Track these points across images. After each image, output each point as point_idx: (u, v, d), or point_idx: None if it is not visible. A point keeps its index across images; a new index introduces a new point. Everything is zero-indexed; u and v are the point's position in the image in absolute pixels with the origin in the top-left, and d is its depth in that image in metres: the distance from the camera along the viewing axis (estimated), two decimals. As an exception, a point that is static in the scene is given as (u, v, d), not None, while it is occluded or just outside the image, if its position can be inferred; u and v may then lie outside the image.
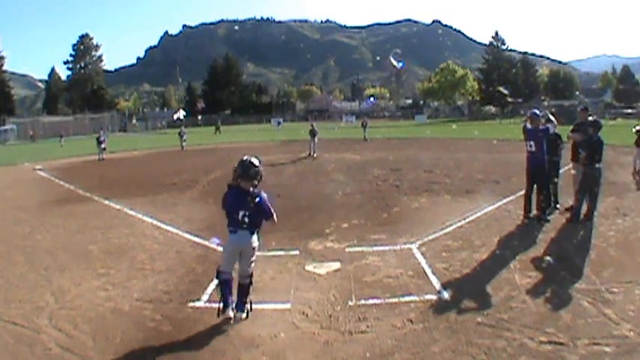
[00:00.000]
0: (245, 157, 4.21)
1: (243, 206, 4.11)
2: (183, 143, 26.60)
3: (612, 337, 3.65)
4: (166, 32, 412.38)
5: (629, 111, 52.27)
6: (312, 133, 19.69)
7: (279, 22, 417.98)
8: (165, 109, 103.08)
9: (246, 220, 4.13)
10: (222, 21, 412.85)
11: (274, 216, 4.22)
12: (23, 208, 10.13)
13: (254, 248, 4.26)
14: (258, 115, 74.88)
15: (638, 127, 8.35)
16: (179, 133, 27.47)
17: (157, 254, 6.38)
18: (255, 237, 4.25)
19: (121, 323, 4.26)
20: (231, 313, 4.18)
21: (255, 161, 4.18)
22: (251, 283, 4.35)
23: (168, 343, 3.88)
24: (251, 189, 4.14)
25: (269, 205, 4.19)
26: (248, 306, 4.30)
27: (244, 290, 4.32)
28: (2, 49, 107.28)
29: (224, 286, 4.23)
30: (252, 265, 4.32)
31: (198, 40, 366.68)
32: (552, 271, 5.22)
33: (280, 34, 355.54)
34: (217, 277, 4.30)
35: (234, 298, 4.28)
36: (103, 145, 22.13)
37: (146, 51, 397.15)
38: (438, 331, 3.90)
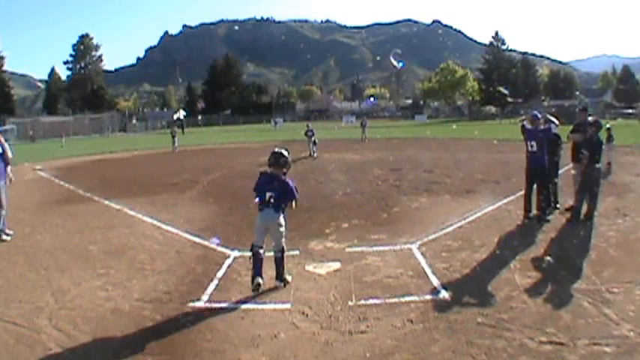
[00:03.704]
0: (276, 149, 5.00)
1: (270, 188, 4.82)
2: (175, 143, 25.94)
3: (612, 337, 3.65)
4: (166, 32, 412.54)
5: (629, 111, 52.21)
6: (309, 135, 19.65)
7: (279, 22, 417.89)
8: (165, 109, 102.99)
9: (272, 200, 4.81)
10: (222, 21, 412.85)
11: (295, 199, 4.92)
12: (23, 208, 10.12)
13: (279, 224, 4.89)
14: (258, 115, 74.87)
15: (608, 125, 8.78)
16: (171, 133, 26.83)
17: (157, 254, 6.38)
18: (279, 214, 4.87)
19: (121, 323, 4.26)
20: (260, 281, 4.84)
21: (285, 152, 4.96)
22: (282, 256, 4.98)
23: (168, 344, 3.87)
24: (280, 175, 4.88)
25: (294, 188, 4.89)
26: (287, 277, 5.04)
27: (278, 262, 4.98)
28: (2, 49, 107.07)
29: (255, 259, 4.90)
30: (282, 239, 4.96)
31: (198, 40, 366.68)
32: (552, 271, 5.22)
33: (280, 34, 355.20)
34: (250, 250, 4.95)
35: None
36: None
37: (146, 51, 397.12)
38: (438, 331, 3.90)
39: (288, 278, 5.14)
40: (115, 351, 3.77)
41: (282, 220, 4.91)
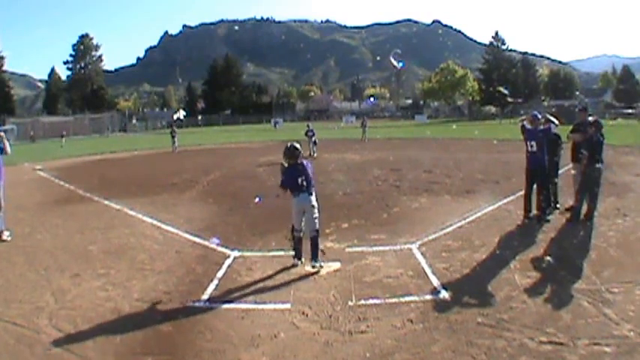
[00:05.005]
0: (289, 144, 5.61)
1: (300, 175, 5.44)
2: (175, 143, 25.47)
3: (612, 337, 3.65)
4: (166, 32, 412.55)
5: (629, 111, 52.19)
6: (309, 135, 19.62)
7: (279, 22, 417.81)
8: (165, 109, 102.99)
9: (304, 183, 5.43)
10: (222, 21, 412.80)
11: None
12: (23, 208, 10.12)
13: (313, 206, 5.48)
14: (258, 115, 74.89)
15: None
16: (171, 133, 26.34)
17: (157, 254, 6.38)
18: (313, 197, 5.50)
19: (121, 323, 4.26)
20: (298, 262, 5.59)
21: (297, 145, 5.61)
22: (318, 235, 5.52)
23: (168, 343, 3.88)
24: (300, 162, 5.50)
25: (311, 168, 5.61)
26: (320, 259, 5.48)
27: (314, 243, 5.48)
28: (2, 49, 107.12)
29: (296, 241, 5.60)
30: (317, 220, 5.49)
31: (198, 40, 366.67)
32: (552, 271, 5.22)
33: (280, 34, 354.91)
34: (292, 233, 5.62)
35: (308, 251, 5.56)
36: None
37: (146, 51, 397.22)
38: (438, 331, 3.90)
39: (330, 265, 5.51)
40: (115, 351, 3.77)
41: (315, 202, 5.49)
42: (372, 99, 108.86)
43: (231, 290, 4.97)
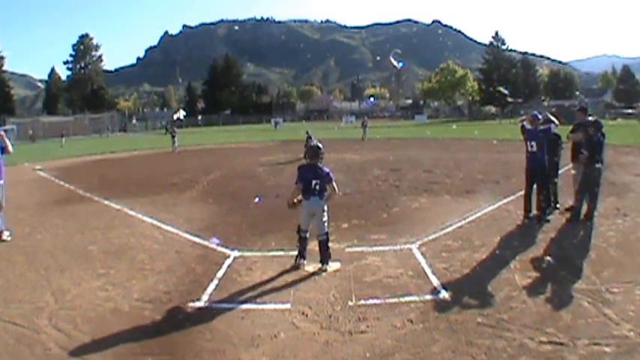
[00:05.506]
0: (313, 143, 5.68)
1: (315, 177, 5.38)
2: (175, 143, 25.40)
3: (612, 337, 3.65)
4: (166, 32, 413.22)
5: (629, 111, 52.29)
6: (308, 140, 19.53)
7: (279, 22, 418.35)
8: (165, 109, 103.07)
9: (317, 187, 5.38)
10: (222, 21, 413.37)
11: (334, 182, 5.47)
12: (23, 208, 10.11)
13: (323, 210, 5.46)
14: (258, 115, 74.94)
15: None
16: (171, 133, 26.18)
17: (157, 254, 6.37)
18: (323, 201, 5.46)
19: (121, 323, 4.26)
20: (302, 262, 5.52)
21: (320, 145, 5.61)
22: (328, 239, 5.49)
23: (168, 343, 3.87)
24: (319, 164, 5.44)
25: (330, 172, 5.47)
26: (329, 262, 5.47)
27: (324, 246, 5.46)
28: (2, 49, 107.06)
29: (301, 241, 5.55)
30: (326, 224, 5.46)
31: (198, 40, 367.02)
32: (552, 271, 5.22)
33: (280, 34, 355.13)
34: (298, 233, 5.57)
35: (310, 252, 5.61)
36: None
37: (146, 51, 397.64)
38: (438, 331, 3.90)
39: (331, 266, 5.44)
40: (115, 351, 3.77)
41: (325, 206, 5.46)
42: (372, 99, 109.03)
43: (231, 290, 4.97)
